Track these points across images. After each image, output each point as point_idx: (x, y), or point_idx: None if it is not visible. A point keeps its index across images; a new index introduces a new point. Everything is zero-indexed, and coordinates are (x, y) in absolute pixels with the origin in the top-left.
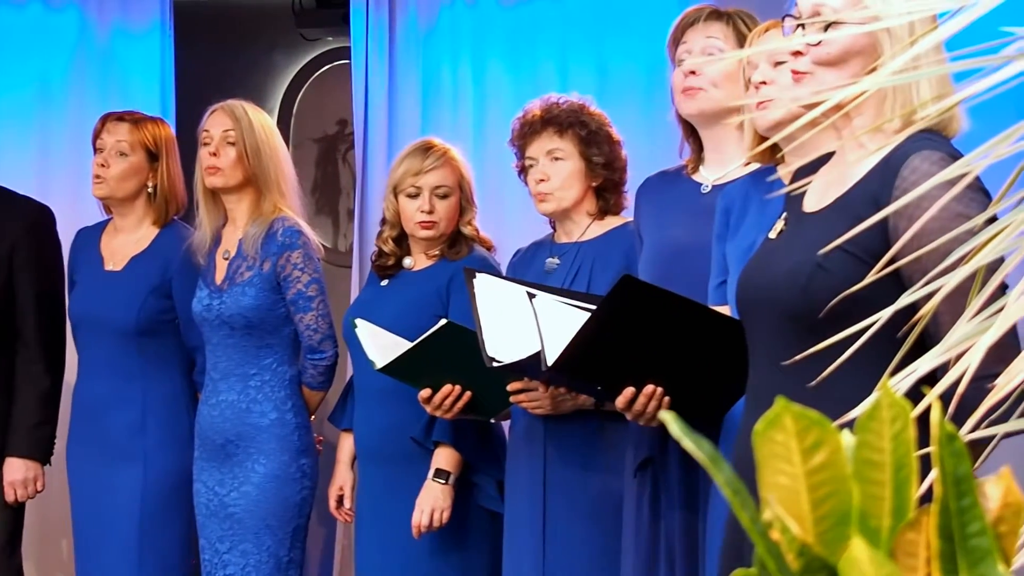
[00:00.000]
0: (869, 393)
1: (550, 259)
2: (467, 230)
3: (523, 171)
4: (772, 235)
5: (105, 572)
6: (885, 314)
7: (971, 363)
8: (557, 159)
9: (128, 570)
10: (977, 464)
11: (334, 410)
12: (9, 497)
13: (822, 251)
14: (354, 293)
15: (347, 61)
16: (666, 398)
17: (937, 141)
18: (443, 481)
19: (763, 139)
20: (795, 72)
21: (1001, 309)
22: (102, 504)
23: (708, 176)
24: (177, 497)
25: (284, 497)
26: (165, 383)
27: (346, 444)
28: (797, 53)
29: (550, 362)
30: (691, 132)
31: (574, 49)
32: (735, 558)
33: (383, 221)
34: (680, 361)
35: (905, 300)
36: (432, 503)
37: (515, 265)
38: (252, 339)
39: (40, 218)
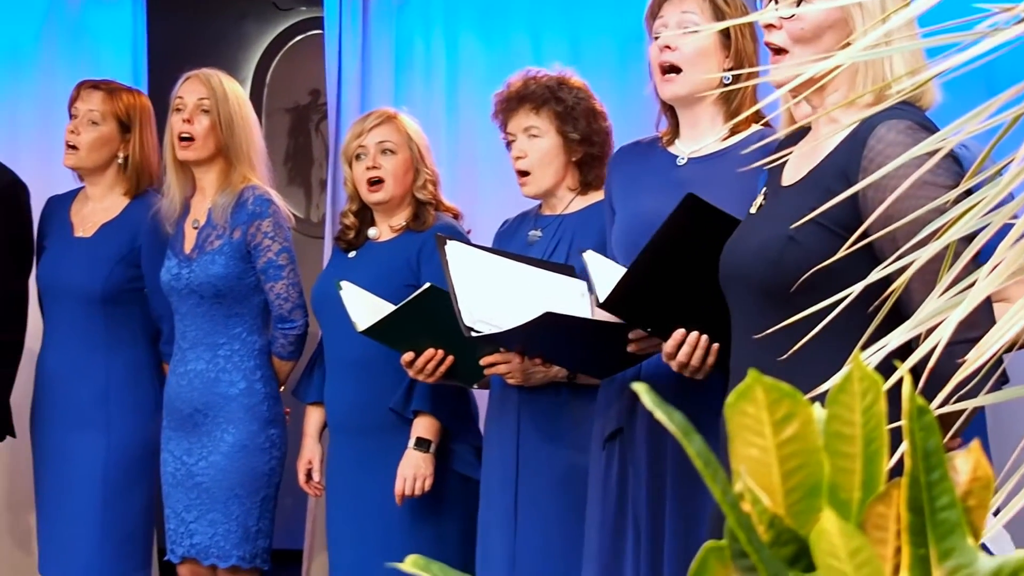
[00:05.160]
0: (841, 366)
1: (533, 231)
2: (423, 195)
3: (509, 144)
4: (753, 210)
5: (67, 540)
6: (856, 289)
7: (942, 337)
8: (534, 136)
9: (89, 538)
10: (948, 437)
11: (298, 384)
12: None
13: (794, 225)
14: (326, 263)
15: (320, 31)
16: (714, 345)
17: (905, 110)
18: (424, 450)
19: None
20: (769, 46)
21: (972, 284)
22: (64, 472)
23: (684, 149)
24: (140, 466)
25: (252, 467)
26: (129, 352)
27: (313, 417)
28: (770, 27)
29: (602, 298)
30: (668, 107)
31: (547, 21)
32: (718, 528)
33: (347, 197)
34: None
35: (877, 275)
36: (414, 471)
37: (501, 235)
38: (221, 308)
39: (9, 192)
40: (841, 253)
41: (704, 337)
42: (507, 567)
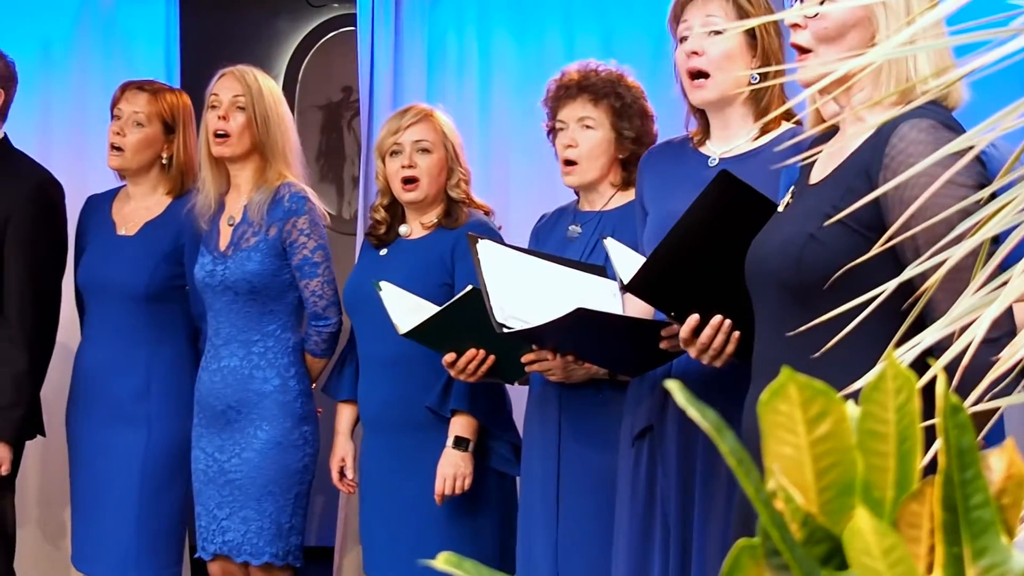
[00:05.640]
0: (865, 363)
1: (572, 226)
2: (456, 193)
3: (551, 132)
4: (780, 208)
5: (102, 535)
6: (890, 286)
7: (975, 336)
8: (587, 127)
9: (126, 534)
10: (980, 436)
11: (328, 381)
12: None
13: (828, 223)
14: (357, 261)
15: (353, 28)
16: (736, 333)
17: (929, 109)
18: (463, 449)
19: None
20: (795, 46)
21: (1006, 283)
22: (102, 467)
23: (715, 149)
24: (178, 463)
25: (286, 464)
26: (170, 349)
27: (344, 415)
28: (795, 26)
29: (626, 280)
30: (698, 108)
31: (579, 17)
32: (744, 525)
33: (377, 191)
34: None
35: (910, 273)
36: (454, 470)
37: (539, 230)
38: (256, 305)
39: (43, 190)
40: (874, 251)
41: (728, 322)
42: (550, 565)
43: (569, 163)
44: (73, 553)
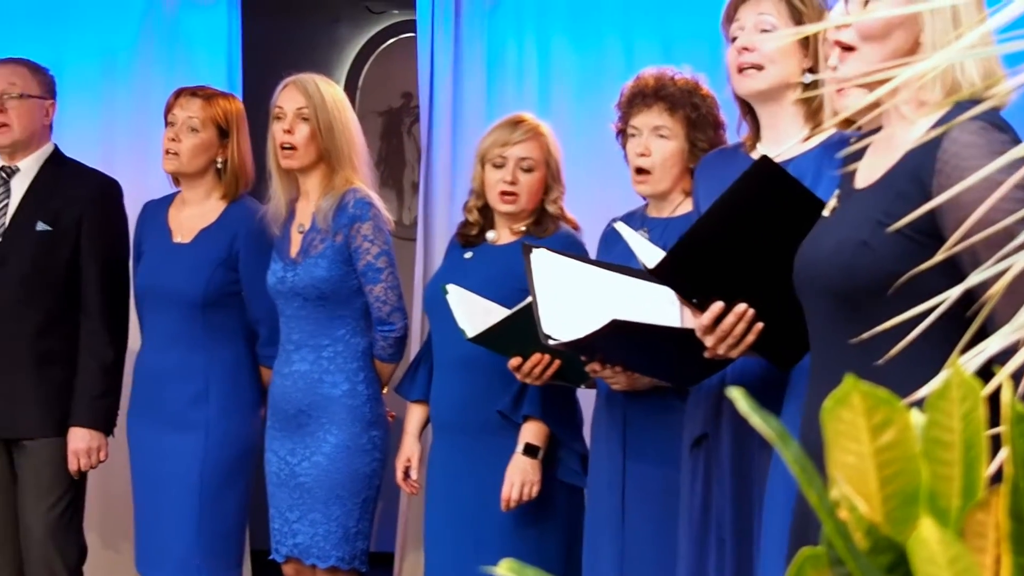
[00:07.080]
0: (919, 370)
1: (640, 231)
2: (552, 208)
3: (621, 134)
4: (826, 213)
5: (164, 539)
6: (954, 293)
7: None
8: (662, 136)
9: (187, 537)
10: None
11: (402, 381)
12: (72, 466)
13: (892, 227)
14: (418, 266)
15: (413, 34)
16: (758, 324)
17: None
18: (533, 456)
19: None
20: (839, 44)
21: None
22: (162, 472)
23: (765, 152)
24: (237, 466)
25: (354, 468)
26: (229, 354)
27: (414, 415)
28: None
29: (651, 264)
30: (749, 110)
31: (639, 25)
32: (802, 535)
33: (471, 191)
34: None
35: (975, 279)
36: (522, 477)
37: (607, 235)
38: (325, 310)
39: (107, 190)
40: (938, 257)
41: (751, 311)
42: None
43: (641, 171)
44: (137, 558)
